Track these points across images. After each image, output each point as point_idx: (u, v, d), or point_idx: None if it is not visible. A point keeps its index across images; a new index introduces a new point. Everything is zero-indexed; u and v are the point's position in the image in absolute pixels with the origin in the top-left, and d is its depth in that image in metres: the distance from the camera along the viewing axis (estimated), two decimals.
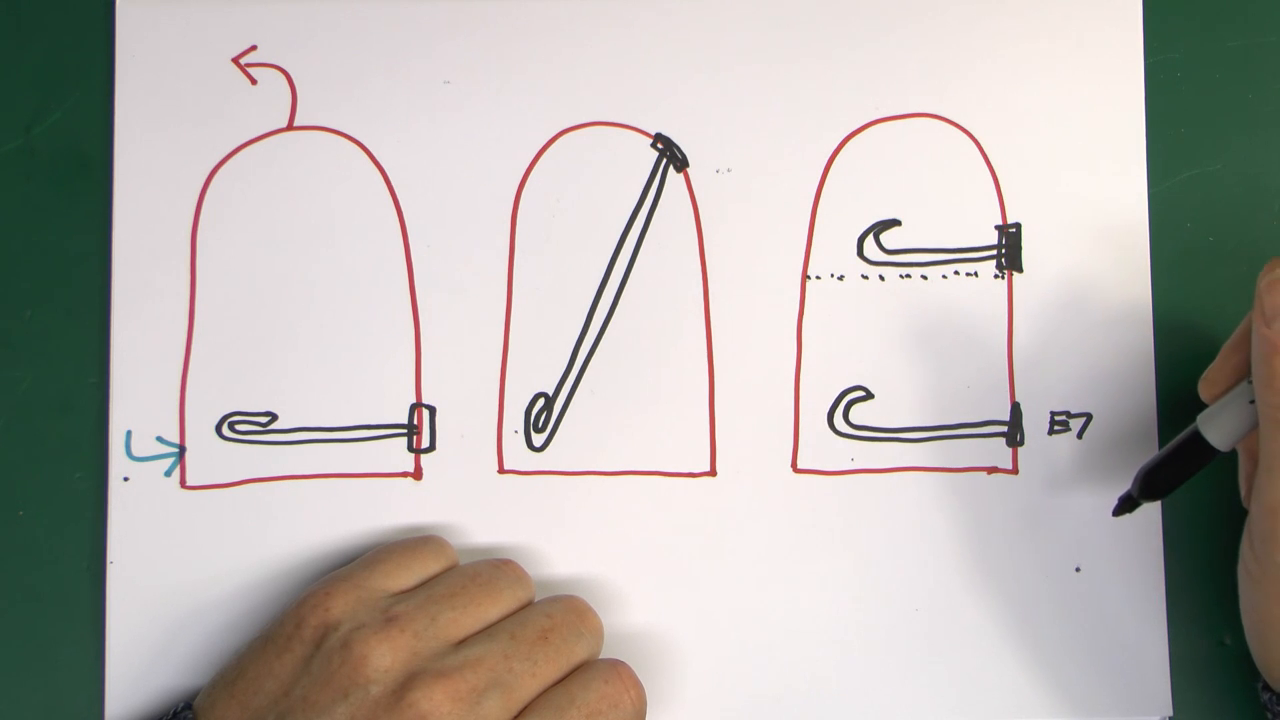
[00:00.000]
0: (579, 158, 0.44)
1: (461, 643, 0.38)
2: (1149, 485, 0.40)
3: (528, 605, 0.40)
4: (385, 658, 0.37)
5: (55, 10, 0.44)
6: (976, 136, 0.44)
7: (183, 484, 0.43)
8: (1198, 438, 0.39)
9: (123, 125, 0.44)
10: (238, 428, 0.43)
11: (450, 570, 0.40)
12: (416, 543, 0.41)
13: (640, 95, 0.44)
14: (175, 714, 0.38)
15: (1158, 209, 0.44)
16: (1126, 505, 0.41)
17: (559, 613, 0.39)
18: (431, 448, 0.43)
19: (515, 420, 0.43)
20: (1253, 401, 0.37)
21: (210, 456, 0.43)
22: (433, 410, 0.43)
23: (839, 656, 0.42)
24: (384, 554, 0.40)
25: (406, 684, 0.36)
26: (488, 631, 0.38)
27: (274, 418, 0.43)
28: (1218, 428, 0.38)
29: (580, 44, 0.44)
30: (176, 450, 0.43)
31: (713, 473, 0.43)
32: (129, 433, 0.43)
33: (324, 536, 0.43)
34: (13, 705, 0.42)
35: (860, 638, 0.43)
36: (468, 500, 0.43)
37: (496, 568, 0.40)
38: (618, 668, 0.39)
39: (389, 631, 0.37)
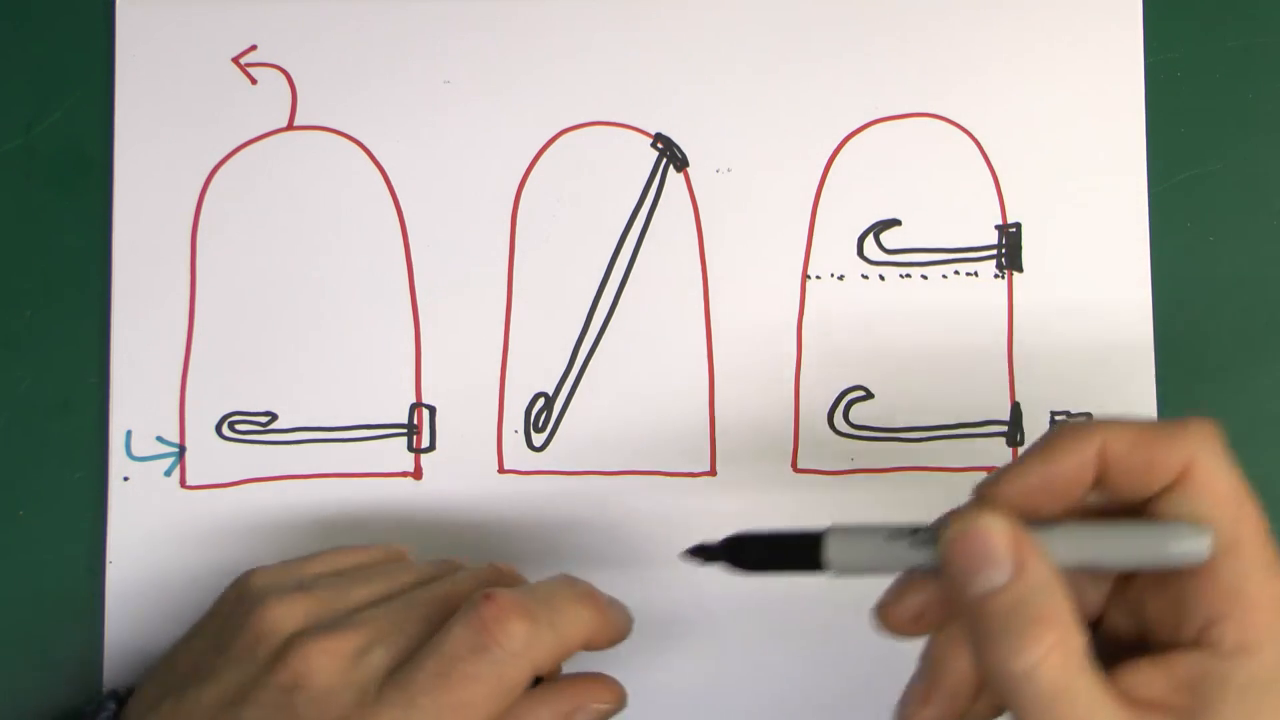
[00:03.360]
0: (579, 158, 0.44)
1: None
2: (738, 555, 0.34)
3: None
4: (280, 621, 0.35)
5: (55, 10, 0.44)
6: (976, 136, 0.44)
7: (183, 484, 0.43)
8: (814, 552, 0.33)
9: (123, 125, 0.44)
10: (238, 427, 0.43)
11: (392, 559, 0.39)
12: (374, 547, 0.40)
13: (640, 95, 0.44)
14: (99, 704, 0.38)
15: (1158, 209, 0.44)
16: (701, 554, 0.35)
17: (468, 581, 0.37)
18: (431, 448, 0.43)
19: (515, 420, 0.43)
20: (899, 539, 0.32)
21: (210, 456, 0.43)
22: (433, 410, 0.43)
23: (839, 656, 0.42)
24: (334, 550, 0.39)
25: (287, 645, 0.34)
26: (390, 596, 0.36)
27: (274, 418, 0.43)
28: (846, 559, 0.32)
29: (580, 44, 0.44)
30: (176, 450, 0.43)
31: (713, 473, 0.43)
32: (129, 433, 0.43)
33: (324, 536, 0.43)
34: (13, 705, 0.42)
35: (860, 638, 0.43)
36: (468, 500, 0.43)
37: (439, 565, 0.39)
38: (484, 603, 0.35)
39: (294, 596, 0.35)
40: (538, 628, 0.34)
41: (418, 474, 0.43)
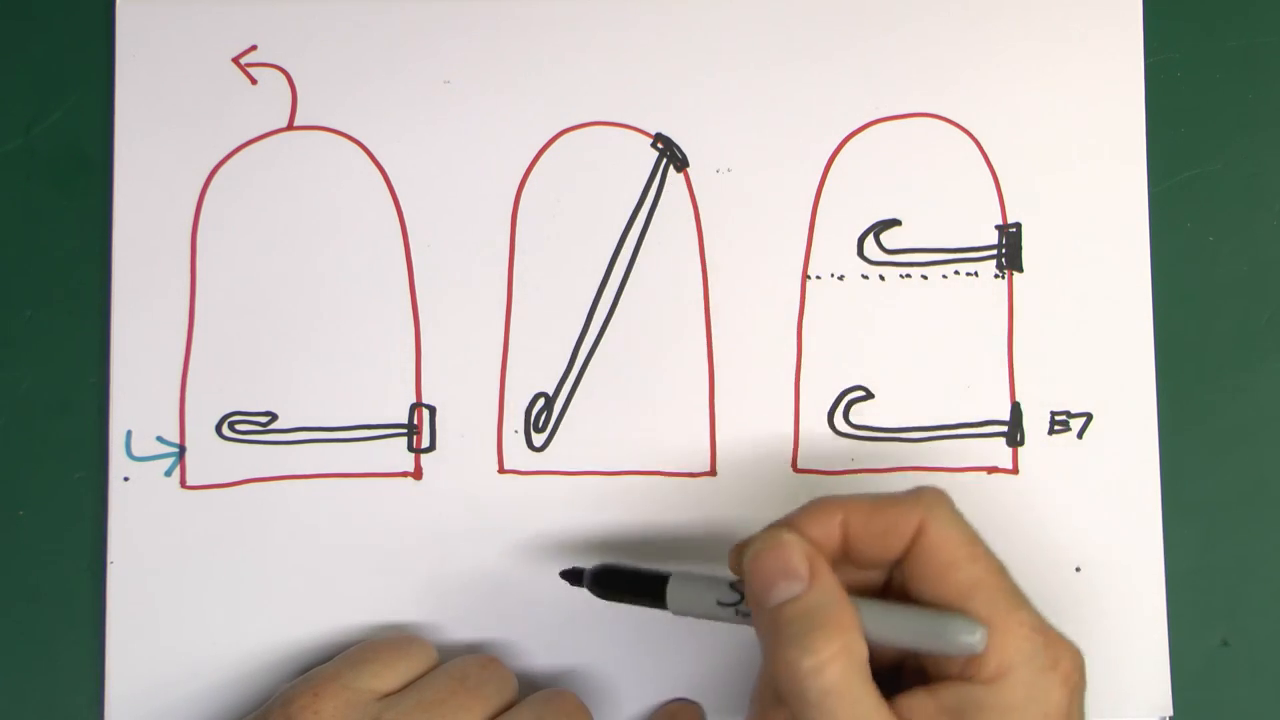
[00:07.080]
0: (579, 158, 0.44)
1: None
2: (600, 583, 0.39)
3: (513, 705, 0.39)
4: None
5: (55, 10, 0.44)
6: (976, 136, 0.44)
7: (183, 484, 0.43)
8: (660, 590, 0.38)
9: (123, 125, 0.44)
10: (238, 427, 0.43)
11: (436, 671, 0.39)
12: (401, 642, 0.40)
13: (640, 95, 0.44)
14: None
15: (1158, 209, 0.44)
16: (575, 577, 0.40)
17: (547, 714, 0.39)
18: (431, 448, 0.43)
19: (515, 420, 0.43)
20: (725, 605, 0.37)
21: (210, 456, 0.43)
22: (433, 410, 0.43)
23: None
24: (369, 653, 0.39)
25: None
26: None
27: (274, 417, 0.43)
28: (681, 602, 0.38)
29: (580, 44, 0.44)
30: (176, 450, 0.43)
31: (713, 473, 0.43)
32: (129, 433, 0.43)
33: (324, 536, 0.43)
34: (13, 705, 0.42)
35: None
36: (468, 500, 0.43)
37: (483, 667, 0.39)
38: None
39: None
40: None
41: (418, 474, 0.43)
